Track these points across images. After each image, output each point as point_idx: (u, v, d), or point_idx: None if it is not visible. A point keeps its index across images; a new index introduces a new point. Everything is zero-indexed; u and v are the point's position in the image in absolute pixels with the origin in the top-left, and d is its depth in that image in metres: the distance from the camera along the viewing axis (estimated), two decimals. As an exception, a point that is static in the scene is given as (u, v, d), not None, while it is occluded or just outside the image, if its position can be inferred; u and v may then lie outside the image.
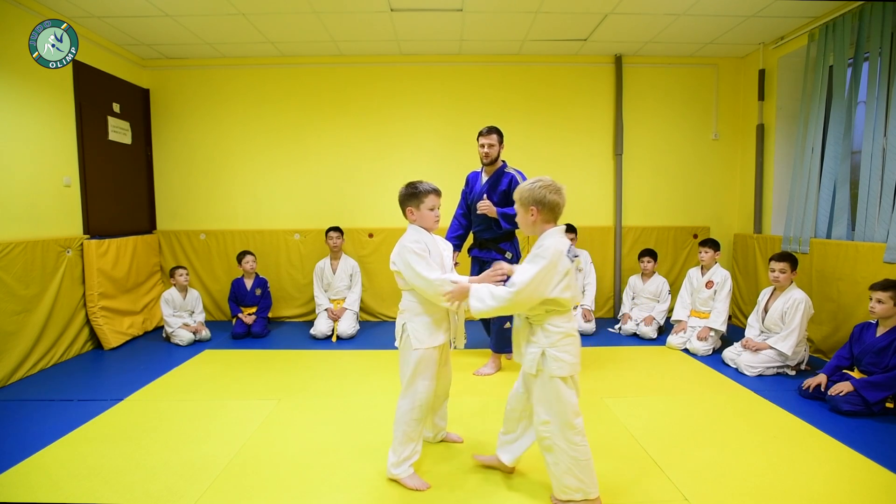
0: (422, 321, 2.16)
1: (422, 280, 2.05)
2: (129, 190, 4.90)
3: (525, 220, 1.96)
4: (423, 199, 2.15)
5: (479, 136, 3.51)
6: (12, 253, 3.50)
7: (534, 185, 1.92)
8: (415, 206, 2.17)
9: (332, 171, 5.27)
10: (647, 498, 2.08)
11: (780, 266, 3.59)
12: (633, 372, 3.62)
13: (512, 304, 1.87)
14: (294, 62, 5.18)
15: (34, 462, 2.37)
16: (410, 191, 2.17)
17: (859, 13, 3.71)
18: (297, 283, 5.28)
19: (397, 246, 2.16)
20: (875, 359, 2.90)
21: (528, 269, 1.85)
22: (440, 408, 2.47)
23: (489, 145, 3.45)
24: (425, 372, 2.17)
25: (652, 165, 5.33)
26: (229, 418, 2.84)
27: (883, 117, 3.52)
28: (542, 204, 1.90)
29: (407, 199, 2.18)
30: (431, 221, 2.19)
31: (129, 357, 4.05)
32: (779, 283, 3.62)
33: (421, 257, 2.07)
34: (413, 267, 2.06)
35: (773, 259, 3.65)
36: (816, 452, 2.43)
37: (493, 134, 3.45)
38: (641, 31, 4.56)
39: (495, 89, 5.23)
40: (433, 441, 2.52)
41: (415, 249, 2.08)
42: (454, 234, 3.76)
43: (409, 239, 2.13)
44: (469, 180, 3.73)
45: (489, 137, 3.45)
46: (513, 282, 1.87)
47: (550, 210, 1.92)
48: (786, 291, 3.61)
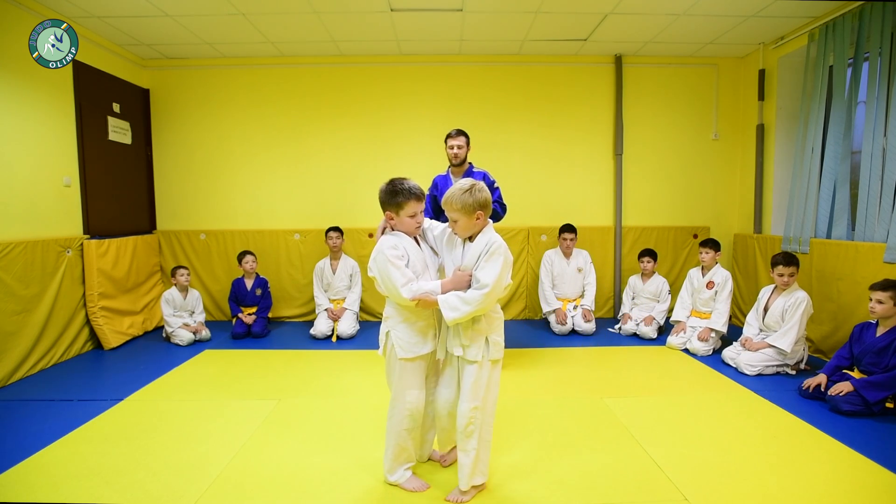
0: (406, 328, 2.07)
1: (391, 288, 1.98)
2: (129, 190, 4.90)
3: (469, 224, 1.99)
4: (403, 206, 2.03)
5: (447, 138, 3.62)
6: (12, 253, 3.50)
7: (473, 192, 1.96)
8: (394, 211, 2.06)
9: (332, 171, 5.27)
10: (647, 498, 2.08)
11: (788, 270, 3.59)
12: (633, 372, 3.62)
13: (485, 305, 1.93)
14: (294, 62, 5.18)
15: (34, 462, 2.37)
16: (390, 193, 2.04)
17: (859, 13, 3.71)
18: (297, 283, 5.28)
19: (374, 250, 2.05)
20: (875, 359, 2.90)
21: (492, 267, 1.93)
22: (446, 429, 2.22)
23: (458, 147, 3.57)
24: (412, 381, 2.09)
25: (652, 165, 5.33)
26: (229, 418, 2.84)
27: (883, 117, 3.52)
28: (485, 207, 1.99)
29: (387, 202, 2.06)
30: (411, 228, 2.09)
31: (129, 357, 4.05)
32: (787, 285, 3.61)
33: (395, 266, 1.97)
34: (389, 275, 1.97)
35: (780, 263, 3.61)
36: (816, 452, 2.43)
37: (461, 136, 3.59)
38: (641, 31, 4.56)
39: (495, 89, 5.23)
40: (421, 461, 2.33)
41: (389, 257, 1.97)
42: None
43: (387, 245, 2.01)
44: (437, 183, 3.77)
45: (458, 139, 3.58)
46: (483, 283, 1.92)
47: (488, 209, 2.01)
48: (787, 291, 3.61)
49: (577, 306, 4.73)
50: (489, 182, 3.70)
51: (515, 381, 3.41)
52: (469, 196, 1.96)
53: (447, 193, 2.00)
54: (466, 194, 1.96)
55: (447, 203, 1.99)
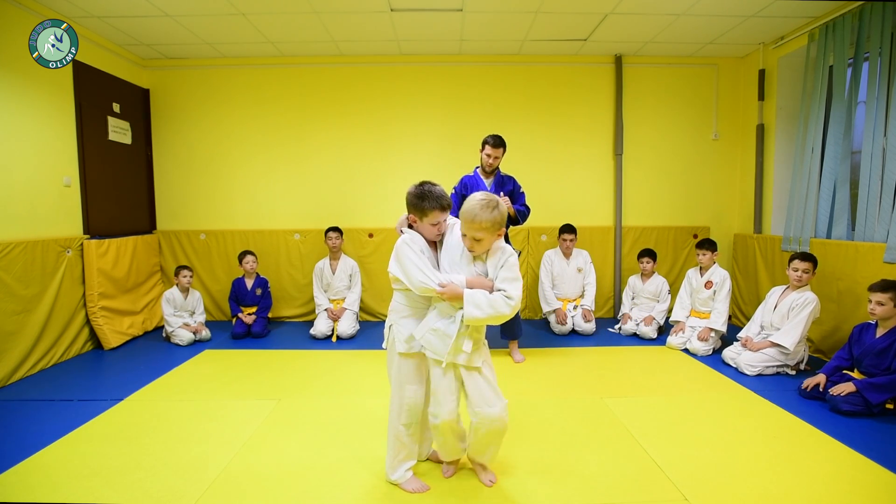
0: (408, 323, 2.09)
1: (416, 274, 1.95)
2: (129, 190, 4.90)
3: (492, 242, 1.96)
4: (428, 214, 2.02)
5: (486, 144, 3.69)
6: (12, 253, 3.50)
7: (498, 207, 1.93)
8: (418, 215, 2.05)
9: (332, 170, 5.27)
10: (647, 498, 2.08)
11: (804, 266, 3.57)
12: (633, 372, 3.62)
13: (508, 316, 1.92)
14: (294, 62, 5.18)
15: (34, 462, 2.37)
16: (418, 196, 2.02)
17: (859, 13, 3.71)
18: (297, 283, 5.28)
19: (399, 241, 2.06)
20: (875, 360, 2.90)
21: (515, 281, 1.94)
22: None
23: (496, 157, 3.71)
24: (411, 376, 2.11)
25: (652, 165, 5.33)
26: (229, 418, 2.84)
27: (883, 117, 3.52)
28: (504, 221, 1.98)
29: (412, 205, 2.05)
30: (432, 235, 2.09)
31: (129, 357, 4.05)
32: (801, 282, 3.58)
33: (417, 254, 1.99)
34: (414, 263, 1.96)
35: (797, 258, 3.60)
36: (816, 452, 2.43)
37: (501, 148, 3.70)
38: (641, 31, 4.56)
39: (495, 89, 5.23)
40: (421, 459, 2.34)
41: (410, 245, 2.00)
42: None
43: (408, 238, 2.04)
44: (467, 184, 3.82)
45: (498, 150, 3.69)
46: (510, 295, 1.91)
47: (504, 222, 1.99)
48: (799, 290, 3.59)
49: (577, 306, 4.73)
50: (517, 187, 3.86)
51: (515, 380, 3.41)
52: (497, 213, 1.91)
53: (469, 212, 1.91)
54: (494, 212, 1.90)
55: (471, 222, 1.90)
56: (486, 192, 1.99)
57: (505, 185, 3.80)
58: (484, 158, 3.73)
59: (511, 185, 3.82)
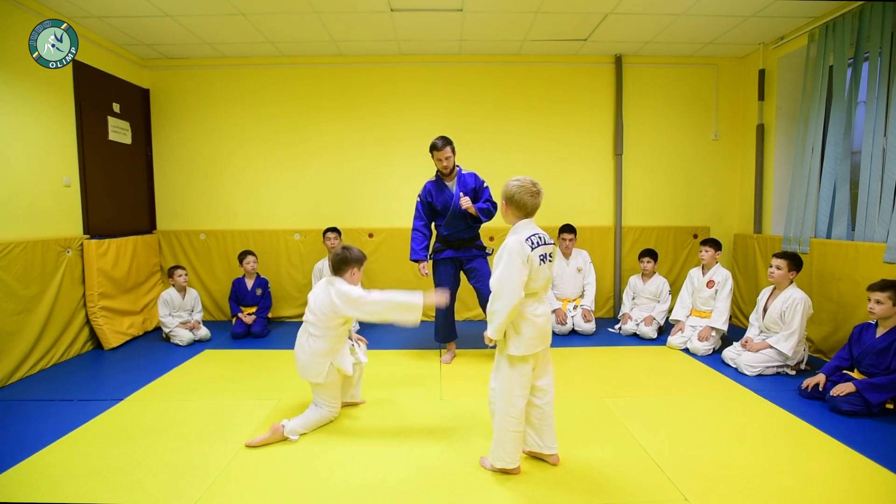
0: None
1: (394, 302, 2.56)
2: (129, 190, 4.90)
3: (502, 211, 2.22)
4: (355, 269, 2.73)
5: (433, 150, 3.63)
6: (12, 253, 3.50)
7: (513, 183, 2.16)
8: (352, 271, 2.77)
9: (332, 171, 5.27)
10: (647, 498, 2.08)
11: (776, 262, 3.60)
12: (633, 372, 3.62)
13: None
14: (294, 62, 5.18)
15: (34, 462, 2.37)
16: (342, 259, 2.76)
17: (859, 13, 3.71)
18: (297, 283, 5.28)
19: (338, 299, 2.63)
20: (876, 360, 2.90)
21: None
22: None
23: (446, 158, 3.64)
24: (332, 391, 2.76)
25: (652, 165, 5.33)
26: (229, 418, 2.84)
27: (883, 117, 3.52)
28: (512, 201, 2.15)
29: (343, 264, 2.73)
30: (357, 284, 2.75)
31: (129, 357, 4.05)
32: (773, 278, 3.62)
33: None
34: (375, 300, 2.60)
35: (774, 255, 3.67)
36: (816, 452, 2.43)
37: (447, 147, 3.62)
38: (641, 31, 4.56)
39: (495, 89, 5.23)
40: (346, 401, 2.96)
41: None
42: (422, 245, 3.81)
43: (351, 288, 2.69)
44: (430, 190, 3.78)
45: (445, 151, 3.61)
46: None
47: (519, 207, 2.15)
48: (784, 291, 3.61)
49: (576, 306, 4.73)
50: (479, 183, 3.77)
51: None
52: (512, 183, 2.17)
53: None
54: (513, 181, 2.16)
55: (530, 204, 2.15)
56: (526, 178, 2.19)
57: (467, 184, 3.72)
58: (437, 164, 3.68)
59: (473, 183, 3.73)
